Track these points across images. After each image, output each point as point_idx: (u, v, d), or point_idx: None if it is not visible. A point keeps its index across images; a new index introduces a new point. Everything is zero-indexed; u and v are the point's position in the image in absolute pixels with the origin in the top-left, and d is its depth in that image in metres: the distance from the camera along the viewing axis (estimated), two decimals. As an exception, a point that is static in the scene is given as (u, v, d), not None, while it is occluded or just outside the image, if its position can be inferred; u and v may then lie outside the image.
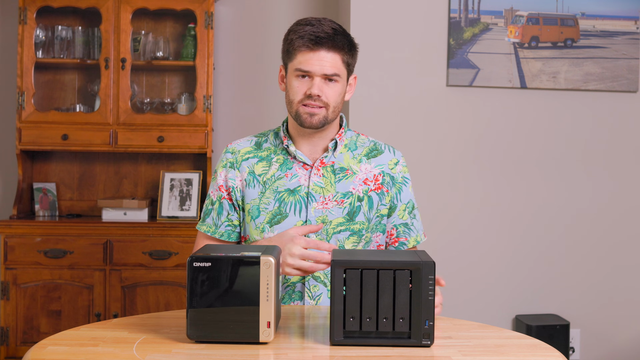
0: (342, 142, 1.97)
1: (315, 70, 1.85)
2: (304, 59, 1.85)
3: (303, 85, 1.87)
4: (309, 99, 1.86)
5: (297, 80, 1.87)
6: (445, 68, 3.47)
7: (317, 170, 1.93)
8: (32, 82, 3.54)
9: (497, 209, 3.53)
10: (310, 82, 1.86)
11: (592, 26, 3.54)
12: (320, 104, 1.87)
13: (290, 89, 1.89)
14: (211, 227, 1.98)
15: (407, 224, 1.99)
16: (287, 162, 1.95)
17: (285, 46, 1.90)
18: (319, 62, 1.84)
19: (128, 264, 3.39)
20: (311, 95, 1.85)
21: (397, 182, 1.98)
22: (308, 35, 1.84)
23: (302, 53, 1.85)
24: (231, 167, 1.97)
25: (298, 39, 1.85)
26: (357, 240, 1.92)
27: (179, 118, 3.60)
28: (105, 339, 1.48)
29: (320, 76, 1.85)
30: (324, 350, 1.43)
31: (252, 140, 2.02)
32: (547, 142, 3.54)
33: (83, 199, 3.79)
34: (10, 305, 3.37)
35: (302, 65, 1.85)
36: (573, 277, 3.56)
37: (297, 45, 1.85)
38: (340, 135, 1.97)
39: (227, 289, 1.43)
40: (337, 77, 1.87)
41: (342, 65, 1.88)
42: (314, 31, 1.84)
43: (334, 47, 1.85)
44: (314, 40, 1.83)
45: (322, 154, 1.96)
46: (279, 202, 1.91)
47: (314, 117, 1.87)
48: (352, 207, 1.92)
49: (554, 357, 1.41)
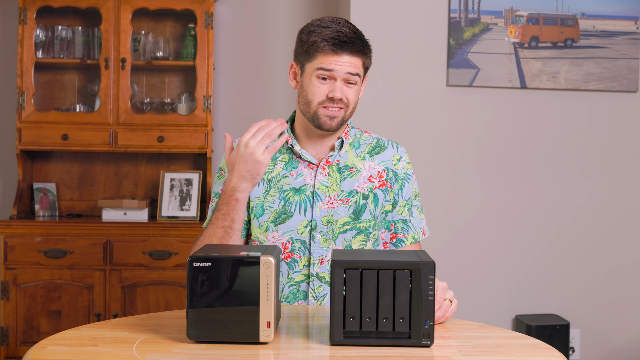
0: (347, 141, 1.98)
1: (339, 69, 1.85)
2: (327, 60, 1.85)
3: (324, 87, 1.87)
4: (330, 102, 1.87)
5: (318, 81, 1.87)
6: (445, 68, 3.47)
7: (322, 170, 1.93)
8: (32, 82, 3.54)
9: (497, 208, 3.53)
10: (332, 84, 1.86)
11: (592, 26, 3.54)
12: (341, 105, 1.88)
13: (310, 89, 1.88)
14: None
15: (406, 220, 1.99)
16: (292, 161, 1.95)
17: (305, 46, 1.89)
18: (342, 64, 1.85)
19: (128, 264, 3.39)
20: (333, 98, 1.86)
21: (400, 178, 1.98)
22: (332, 39, 1.84)
23: (325, 55, 1.85)
24: None
25: (322, 41, 1.84)
26: (365, 239, 1.92)
27: (179, 118, 3.60)
28: (105, 339, 1.48)
29: (343, 78, 1.86)
30: (324, 350, 1.43)
31: None
32: (547, 142, 3.54)
33: (83, 199, 3.79)
34: (10, 305, 3.37)
35: (325, 65, 1.85)
36: (573, 277, 3.56)
37: (321, 47, 1.84)
38: (346, 134, 1.97)
39: (227, 289, 1.43)
40: (357, 78, 1.88)
41: (362, 68, 1.90)
42: (338, 35, 1.84)
43: (357, 52, 1.86)
44: (339, 45, 1.84)
45: (328, 153, 1.96)
46: (283, 201, 1.91)
47: (333, 120, 1.88)
48: (357, 206, 1.91)
49: (554, 357, 1.41)
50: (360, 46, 1.87)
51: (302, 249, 1.90)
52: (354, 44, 1.85)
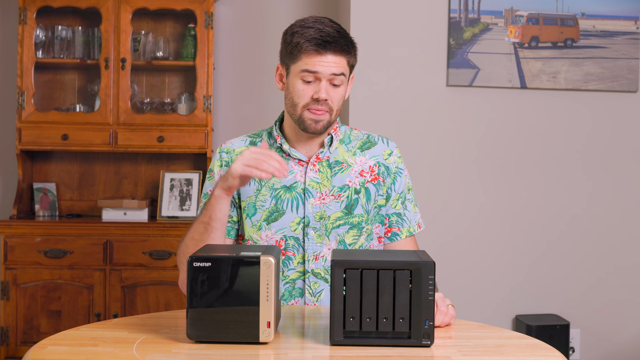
0: (337, 137, 1.97)
1: (323, 71, 1.84)
2: (311, 61, 1.84)
3: (309, 89, 1.86)
4: (315, 103, 1.86)
5: (302, 84, 1.86)
6: (445, 68, 3.47)
7: (312, 166, 1.93)
8: (32, 82, 3.54)
9: (497, 208, 3.53)
10: (317, 86, 1.85)
11: (592, 26, 3.54)
12: (326, 109, 1.87)
13: (295, 92, 1.88)
14: None
15: (400, 214, 1.99)
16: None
17: (289, 47, 1.88)
18: (327, 64, 1.84)
19: (128, 264, 3.39)
20: (318, 99, 1.85)
21: (392, 172, 1.98)
22: (315, 39, 1.83)
23: (308, 56, 1.84)
24: (227, 165, 1.97)
25: (305, 42, 1.84)
26: (358, 233, 1.92)
27: (179, 118, 3.60)
28: (105, 339, 1.48)
29: (327, 78, 1.85)
30: (324, 350, 1.43)
31: (246, 140, 2.01)
32: (547, 142, 3.54)
33: (83, 199, 3.79)
34: (10, 305, 3.37)
35: (310, 67, 1.84)
36: (573, 277, 3.56)
37: (304, 48, 1.84)
38: (335, 130, 1.97)
39: (227, 289, 1.43)
40: (342, 78, 1.87)
41: (347, 67, 1.89)
42: (321, 35, 1.84)
43: (341, 51, 1.86)
44: (322, 45, 1.83)
45: (317, 150, 1.96)
46: (275, 199, 1.91)
47: (318, 124, 1.88)
48: (349, 200, 1.92)
49: (554, 357, 1.41)
50: (344, 45, 1.86)
51: (296, 246, 1.90)
52: (337, 43, 1.84)
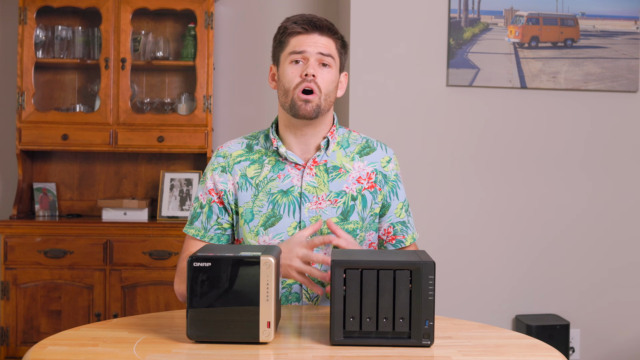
0: (334, 140, 1.95)
1: (310, 50, 1.86)
2: (298, 42, 1.87)
3: (298, 69, 1.87)
4: (305, 82, 1.85)
5: (291, 67, 1.87)
6: (445, 68, 3.47)
7: (309, 170, 1.92)
8: (32, 82, 3.54)
9: (497, 208, 3.53)
10: (305, 64, 1.86)
11: (592, 26, 3.54)
12: (316, 87, 1.86)
13: (285, 78, 1.88)
14: (200, 231, 1.95)
15: (404, 222, 1.99)
16: (279, 163, 1.93)
17: (278, 38, 1.92)
18: (314, 43, 1.86)
19: (128, 264, 3.39)
20: (307, 75, 1.85)
21: (390, 180, 1.97)
22: (302, 22, 1.88)
23: (295, 37, 1.87)
24: (222, 170, 1.95)
25: (292, 24, 1.88)
26: None
27: (179, 118, 3.60)
28: (105, 339, 1.48)
29: (315, 57, 1.86)
30: (324, 350, 1.43)
31: (243, 142, 1.99)
32: (547, 142, 3.54)
33: (83, 199, 3.79)
34: (10, 305, 3.37)
35: (297, 47, 1.86)
36: (573, 277, 3.56)
37: (291, 31, 1.88)
38: (332, 133, 1.95)
39: (227, 289, 1.43)
40: (331, 60, 1.88)
41: (335, 52, 1.90)
42: (308, 18, 1.89)
43: (328, 32, 1.89)
44: (308, 24, 1.87)
45: (314, 153, 1.94)
46: (272, 204, 1.90)
47: (308, 104, 1.85)
48: (345, 207, 1.90)
49: (554, 357, 1.41)
50: (329, 26, 1.89)
51: None
52: (322, 23, 1.88)
